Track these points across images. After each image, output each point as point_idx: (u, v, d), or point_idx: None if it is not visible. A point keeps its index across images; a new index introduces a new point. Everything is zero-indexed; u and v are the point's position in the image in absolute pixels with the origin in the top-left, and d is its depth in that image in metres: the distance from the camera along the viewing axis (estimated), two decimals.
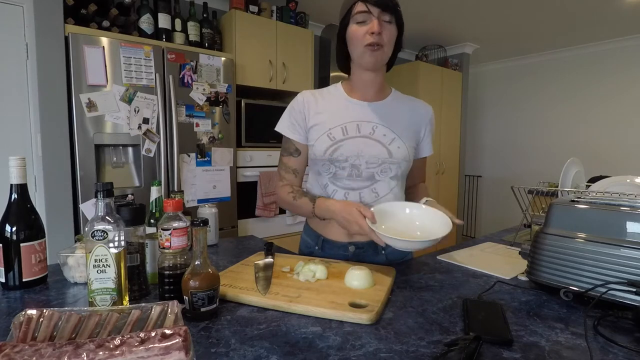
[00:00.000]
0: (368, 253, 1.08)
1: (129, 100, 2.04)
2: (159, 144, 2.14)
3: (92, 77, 1.93)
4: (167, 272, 0.75)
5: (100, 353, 0.47)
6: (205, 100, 2.32)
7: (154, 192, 0.94)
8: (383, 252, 1.09)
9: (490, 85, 5.05)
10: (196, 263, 0.70)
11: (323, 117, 1.06)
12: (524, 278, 0.92)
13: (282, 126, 1.10)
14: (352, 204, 0.92)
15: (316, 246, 1.12)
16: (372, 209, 0.90)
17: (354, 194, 1.05)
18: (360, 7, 0.96)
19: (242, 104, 2.57)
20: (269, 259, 1.00)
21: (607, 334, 0.64)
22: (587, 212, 0.80)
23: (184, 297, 0.69)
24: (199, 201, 2.34)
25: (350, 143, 1.03)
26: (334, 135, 1.04)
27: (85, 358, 0.46)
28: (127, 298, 0.73)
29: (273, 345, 0.61)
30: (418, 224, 0.94)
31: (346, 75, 1.13)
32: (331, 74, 3.42)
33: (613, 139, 4.02)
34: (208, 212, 1.25)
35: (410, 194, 1.20)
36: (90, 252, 0.69)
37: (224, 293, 0.78)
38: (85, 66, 1.91)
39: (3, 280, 0.84)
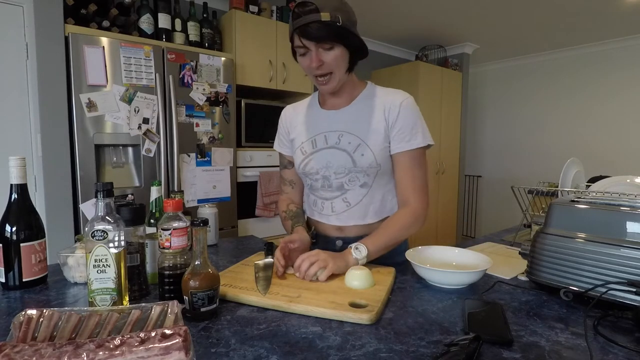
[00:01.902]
0: None
1: (129, 100, 2.04)
2: (159, 144, 2.14)
3: (92, 77, 1.93)
4: (167, 272, 0.75)
5: (100, 353, 0.47)
6: (205, 100, 2.32)
7: (154, 192, 0.94)
8: None
9: (490, 85, 5.05)
10: (196, 263, 0.70)
11: (297, 130, 1.11)
12: (524, 278, 0.92)
13: (275, 144, 1.21)
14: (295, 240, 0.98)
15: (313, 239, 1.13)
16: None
17: (327, 204, 1.08)
18: (296, 41, 0.94)
19: (242, 104, 2.57)
20: (269, 259, 0.99)
21: (607, 334, 0.64)
22: (587, 212, 0.80)
23: (184, 297, 0.69)
24: (199, 201, 2.34)
25: (319, 155, 1.05)
26: (305, 149, 1.08)
27: (85, 358, 0.46)
28: (127, 298, 0.73)
29: (273, 345, 0.61)
30: (454, 264, 0.98)
31: None
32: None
33: (613, 139, 4.02)
34: (208, 212, 1.25)
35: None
36: (90, 252, 0.69)
37: (224, 293, 0.78)
38: (85, 66, 1.91)
39: (3, 280, 0.84)
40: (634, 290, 0.68)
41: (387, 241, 0.98)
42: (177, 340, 0.49)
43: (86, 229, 0.69)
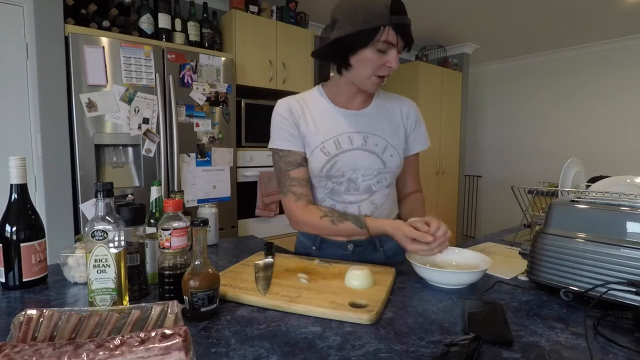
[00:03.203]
0: (367, 251, 1.08)
1: (129, 100, 2.04)
2: (159, 144, 2.14)
3: (92, 77, 1.93)
4: (167, 272, 0.75)
5: (100, 353, 0.47)
6: (205, 100, 2.32)
7: (154, 192, 0.94)
8: (382, 248, 1.09)
9: (490, 85, 5.05)
10: (196, 263, 0.70)
11: (312, 128, 1.01)
12: (524, 278, 0.92)
13: (279, 141, 1.02)
14: (403, 225, 0.90)
15: (313, 246, 1.11)
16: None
17: (352, 208, 1.04)
18: (391, 37, 0.87)
19: (242, 104, 2.57)
20: (269, 259, 1.00)
21: (607, 334, 0.64)
22: (587, 212, 0.80)
23: (184, 297, 0.69)
24: (199, 201, 2.34)
25: (345, 157, 1.00)
26: (327, 150, 1.00)
27: (85, 358, 0.46)
28: (127, 298, 0.73)
29: (273, 345, 0.61)
30: (455, 264, 0.98)
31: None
32: (331, 74, 3.41)
33: (613, 139, 4.02)
34: (208, 212, 1.25)
35: (405, 208, 1.13)
36: (90, 252, 0.69)
37: (224, 293, 0.78)
38: (85, 66, 1.91)
39: (3, 280, 0.84)
40: (634, 290, 0.68)
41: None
42: (177, 340, 0.49)
43: (86, 229, 0.69)
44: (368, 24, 0.86)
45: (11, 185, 0.85)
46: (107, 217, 0.70)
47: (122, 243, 0.71)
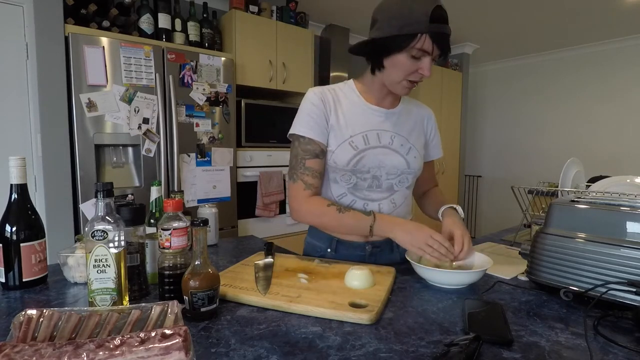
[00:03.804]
0: (385, 252, 1.08)
1: (129, 100, 2.04)
2: (159, 144, 2.14)
3: (92, 77, 1.93)
4: (167, 272, 0.75)
5: (100, 353, 0.47)
6: (205, 100, 2.32)
7: (154, 192, 0.94)
8: (398, 249, 1.09)
9: (490, 85, 5.05)
10: (196, 263, 0.70)
11: (342, 121, 1.00)
12: (524, 278, 0.92)
13: (303, 128, 0.99)
14: (424, 229, 0.91)
15: (328, 249, 1.08)
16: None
17: (373, 205, 1.04)
18: (426, 45, 0.86)
19: (242, 104, 2.57)
20: (269, 259, 1.00)
21: (607, 334, 0.64)
22: (587, 212, 0.80)
23: (184, 297, 0.69)
24: (199, 201, 2.34)
25: (372, 153, 1.00)
26: (356, 144, 0.99)
27: (85, 358, 0.46)
28: (127, 298, 0.73)
29: (273, 345, 0.61)
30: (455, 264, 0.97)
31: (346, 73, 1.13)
32: (331, 74, 3.42)
33: (613, 138, 4.02)
34: (208, 212, 1.25)
35: (427, 199, 1.21)
36: (90, 252, 0.69)
37: (224, 293, 0.78)
38: (85, 66, 1.91)
39: (3, 280, 0.84)
40: (634, 290, 0.68)
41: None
42: (177, 340, 0.49)
43: (86, 229, 0.69)
44: (405, 29, 0.86)
45: (11, 185, 0.85)
46: (107, 217, 0.70)
47: (122, 243, 0.71)
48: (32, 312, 0.56)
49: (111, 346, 0.48)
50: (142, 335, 0.49)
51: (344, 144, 0.99)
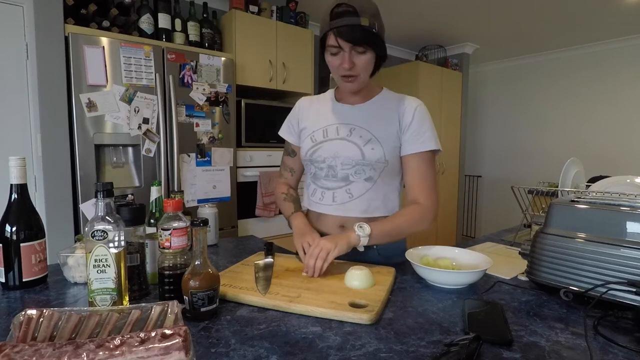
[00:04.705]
0: (360, 251, 1.07)
1: (129, 100, 2.04)
2: (159, 144, 2.14)
3: (92, 77, 1.93)
4: (167, 272, 0.75)
5: (100, 353, 0.47)
6: (205, 100, 2.32)
7: (154, 192, 0.94)
8: (375, 247, 1.07)
9: (490, 85, 5.05)
10: (196, 263, 0.70)
11: (310, 120, 1.14)
12: (524, 278, 0.92)
13: (282, 130, 1.23)
14: (307, 235, 1.00)
15: None
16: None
17: (328, 194, 1.09)
18: (331, 41, 0.94)
19: (242, 104, 2.57)
20: (269, 259, 1.00)
21: (607, 334, 0.64)
22: (587, 212, 0.80)
23: (184, 297, 0.69)
24: (199, 201, 2.34)
25: (328, 145, 1.08)
26: (315, 138, 1.10)
27: (85, 358, 0.46)
28: (127, 298, 0.73)
29: (273, 345, 0.61)
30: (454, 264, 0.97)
31: None
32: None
33: (613, 139, 4.02)
34: (208, 212, 1.25)
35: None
36: (90, 252, 0.69)
37: (224, 293, 0.78)
38: (85, 66, 1.91)
39: (3, 280, 0.84)
40: (634, 290, 0.68)
41: (392, 229, 1.00)
42: (177, 340, 0.49)
43: (86, 229, 0.69)
44: (321, 32, 0.99)
45: (11, 185, 0.85)
46: (107, 217, 0.70)
47: (122, 243, 0.71)
48: (32, 312, 0.56)
49: (111, 346, 0.48)
50: (142, 335, 0.49)
51: (306, 138, 1.12)
